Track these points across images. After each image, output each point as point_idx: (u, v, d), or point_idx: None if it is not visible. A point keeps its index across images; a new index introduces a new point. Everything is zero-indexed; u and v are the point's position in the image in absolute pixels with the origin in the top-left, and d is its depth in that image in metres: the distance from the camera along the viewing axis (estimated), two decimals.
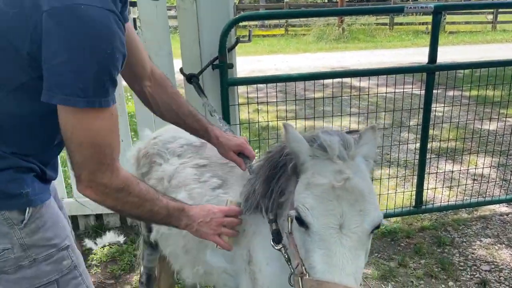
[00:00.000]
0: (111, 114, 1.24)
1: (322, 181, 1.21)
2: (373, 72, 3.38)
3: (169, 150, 2.12)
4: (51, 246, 1.36)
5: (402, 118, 5.93)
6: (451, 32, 18.37)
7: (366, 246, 1.22)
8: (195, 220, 1.53)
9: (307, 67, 11.17)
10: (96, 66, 1.13)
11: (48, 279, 1.37)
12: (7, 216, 1.29)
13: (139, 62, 1.69)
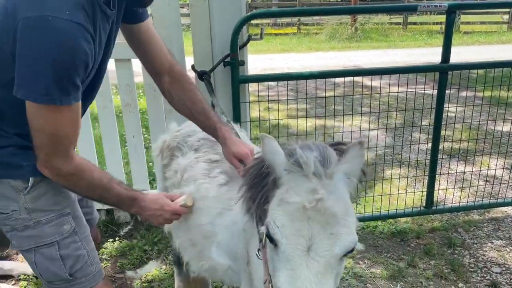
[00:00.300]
0: (71, 110, 1.42)
1: (294, 199, 1.16)
2: (386, 71, 3.36)
3: (188, 144, 2.15)
4: (51, 211, 1.59)
5: (413, 118, 5.90)
6: (466, 32, 18.14)
7: (336, 270, 1.17)
8: (144, 211, 1.75)
9: (319, 66, 11.12)
10: (57, 71, 1.30)
11: (49, 239, 1.59)
12: (13, 184, 1.54)
13: (157, 58, 1.83)
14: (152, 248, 3.40)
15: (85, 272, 1.68)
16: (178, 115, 3.27)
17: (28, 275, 3.03)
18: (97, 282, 1.73)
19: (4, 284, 2.94)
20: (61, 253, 1.62)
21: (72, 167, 1.50)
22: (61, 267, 1.62)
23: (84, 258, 1.68)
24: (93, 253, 1.73)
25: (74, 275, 1.65)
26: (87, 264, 1.69)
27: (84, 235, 1.70)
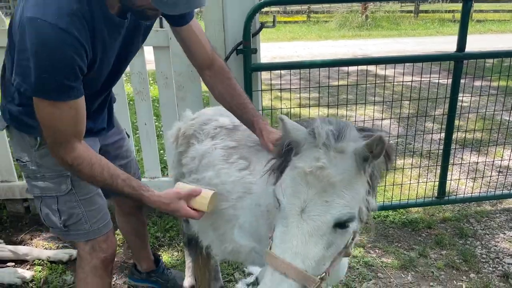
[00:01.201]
0: (69, 107, 1.57)
1: (299, 164, 1.27)
2: (399, 60, 3.32)
3: (204, 132, 2.17)
4: (53, 170, 1.82)
5: (426, 108, 5.84)
6: (479, 21, 17.86)
7: (327, 238, 1.22)
8: (156, 206, 1.79)
9: (329, 55, 11.04)
10: (44, 69, 1.46)
11: (50, 193, 1.86)
12: (27, 139, 1.82)
13: (198, 55, 1.98)
14: (164, 235, 3.43)
15: (79, 228, 1.92)
16: (190, 103, 3.32)
17: (42, 260, 3.07)
18: (90, 238, 1.94)
19: (19, 268, 2.99)
20: (58, 207, 1.87)
21: (70, 159, 1.65)
22: (57, 218, 1.88)
23: (78, 216, 1.90)
24: (91, 214, 1.92)
25: (68, 227, 1.91)
26: (81, 221, 1.91)
27: (84, 197, 1.90)
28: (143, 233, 2.71)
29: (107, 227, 2.00)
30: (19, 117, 1.78)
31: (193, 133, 2.20)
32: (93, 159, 1.71)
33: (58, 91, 1.52)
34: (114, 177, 1.73)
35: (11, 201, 3.64)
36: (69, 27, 1.45)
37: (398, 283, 2.98)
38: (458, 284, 2.96)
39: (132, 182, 1.77)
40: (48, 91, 1.51)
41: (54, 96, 1.53)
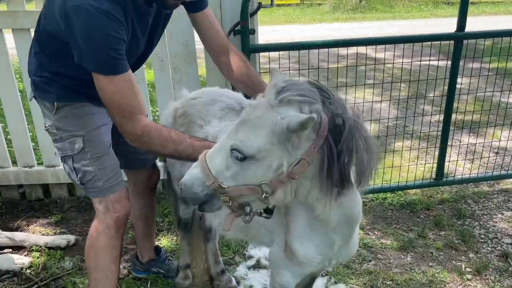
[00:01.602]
0: (123, 80, 1.73)
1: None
2: (400, 40, 3.29)
3: (210, 113, 2.13)
4: (68, 132, 2.01)
5: (422, 90, 5.81)
6: (472, 3, 17.77)
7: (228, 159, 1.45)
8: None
9: (324, 38, 10.93)
10: (97, 47, 1.66)
11: (67, 153, 2.04)
12: (46, 105, 2.02)
13: (214, 41, 2.13)
14: (163, 220, 3.41)
15: (93, 185, 2.07)
16: (187, 86, 3.26)
17: (40, 246, 3.04)
18: (106, 195, 2.08)
19: (17, 255, 2.95)
20: (74, 165, 2.05)
21: (139, 130, 1.76)
22: (75, 175, 2.08)
23: (91, 173, 2.05)
24: (103, 172, 2.06)
25: (85, 184, 2.08)
26: (95, 179, 2.06)
27: (96, 155, 2.04)
28: (151, 219, 2.72)
29: (120, 185, 2.12)
30: (39, 86, 2.01)
31: (197, 114, 2.15)
32: (159, 125, 1.86)
33: (111, 65, 1.69)
34: (180, 136, 1.85)
35: (6, 187, 3.59)
36: (110, 9, 1.66)
37: (398, 263, 2.99)
38: (457, 264, 2.98)
39: (196, 137, 1.92)
40: (103, 65, 1.69)
41: (109, 69, 1.70)
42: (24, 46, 3.23)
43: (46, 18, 1.87)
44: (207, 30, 2.12)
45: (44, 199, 3.64)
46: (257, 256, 3.00)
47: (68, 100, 2.00)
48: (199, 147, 1.80)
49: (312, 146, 1.38)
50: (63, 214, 3.48)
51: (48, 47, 1.93)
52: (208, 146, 1.78)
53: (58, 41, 1.84)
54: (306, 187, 1.49)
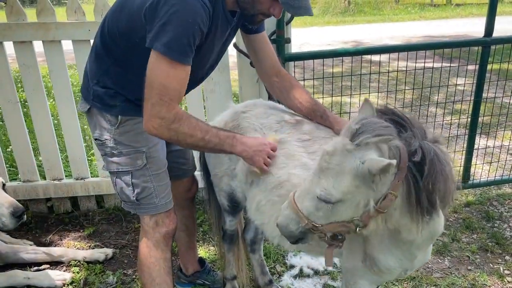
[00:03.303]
0: (183, 70, 1.73)
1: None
2: (428, 46, 3.34)
3: (264, 125, 2.12)
4: (130, 147, 1.99)
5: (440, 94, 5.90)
6: (458, 5, 18.17)
7: (316, 201, 1.49)
8: (251, 147, 1.90)
9: (320, 42, 11.03)
10: (180, 30, 1.64)
11: (126, 168, 2.02)
12: (108, 118, 1.98)
13: (267, 63, 2.17)
14: (197, 230, 3.38)
15: (149, 201, 2.07)
16: (219, 95, 3.25)
17: (78, 261, 2.99)
18: (159, 212, 2.10)
19: (56, 270, 2.89)
20: (133, 181, 2.03)
21: (172, 115, 1.75)
22: (131, 191, 2.04)
23: (150, 190, 2.05)
24: (160, 189, 2.07)
25: (140, 201, 2.06)
26: (152, 195, 2.06)
27: (155, 172, 2.05)
28: (192, 230, 2.69)
29: (171, 203, 2.16)
30: (103, 98, 1.96)
31: (252, 127, 2.13)
32: (189, 114, 1.84)
33: (183, 52, 1.69)
34: (207, 125, 1.88)
35: (34, 201, 3.52)
36: (207, 2, 1.69)
37: (437, 268, 3.03)
38: (495, 267, 3.03)
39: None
40: (175, 50, 1.67)
41: (178, 56, 1.68)
42: (54, 59, 3.19)
43: (115, 18, 1.86)
44: (263, 51, 2.16)
45: (73, 211, 3.57)
46: (300, 265, 3.00)
47: (132, 114, 1.98)
48: (225, 137, 1.88)
49: (396, 179, 1.42)
50: (94, 227, 3.43)
51: (114, 51, 1.90)
52: (233, 137, 1.90)
53: (125, 43, 1.83)
54: (396, 216, 1.52)
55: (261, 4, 1.79)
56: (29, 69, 3.19)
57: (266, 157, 1.92)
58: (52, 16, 3.08)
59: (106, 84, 1.96)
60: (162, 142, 2.10)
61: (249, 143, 1.91)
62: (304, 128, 2.06)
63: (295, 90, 2.15)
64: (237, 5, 1.84)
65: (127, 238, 3.31)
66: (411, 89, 3.95)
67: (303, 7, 1.75)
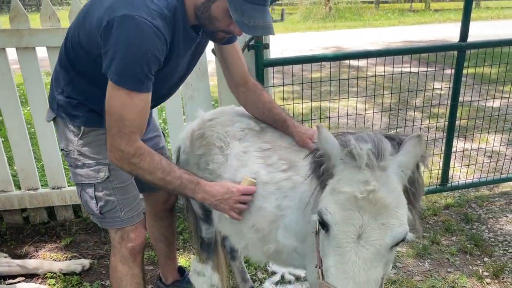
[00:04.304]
0: (140, 99, 1.67)
1: (346, 189, 1.22)
2: (408, 51, 3.38)
3: (229, 134, 2.09)
4: (93, 159, 1.95)
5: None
6: (436, 10, 18.50)
7: (385, 258, 1.22)
8: (213, 196, 1.83)
9: (302, 48, 11.09)
10: (131, 58, 1.58)
11: (89, 180, 1.97)
12: (71, 129, 1.94)
13: (236, 73, 2.13)
14: (177, 238, 3.33)
15: (114, 215, 2.01)
16: (199, 101, 3.23)
17: (54, 273, 2.92)
18: (124, 226, 2.04)
19: (31, 283, 2.82)
20: (96, 194, 1.97)
21: (133, 149, 1.71)
22: (94, 205, 1.99)
23: (114, 203, 1.99)
24: (126, 202, 2.01)
25: (104, 214, 2.01)
26: (116, 209, 2.00)
27: (120, 185, 1.99)
28: (172, 240, 2.64)
29: (139, 217, 2.09)
30: (66, 108, 1.92)
31: (216, 135, 2.10)
32: (152, 151, 1.78)
33: (138, 80, 1.63)
34: (171, 165, 1.81)
35: (9, 212, 3.43)
36: (160, 26, 1.61)
37: (417, 271, 3.04)
38: (474, 269, 3.06)
39: (186, 170, 1.88)
40: (129, 79, 1.62)
41: (132, 85, 1.63)
42: (28, 66, 3.13)
43: (78, 32, 1.80)
44: (234, 62, 2.11)
45: (50, 222, 3.49)
46: (281, 272, 2.98)
47: (95, 125, 1.93)
48: (187, 182, 1.80)
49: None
50: (72, 237, 3.35)
51: (77, 64, 1.85)
52: (197, 183, 1.81)
53: (87, 57, 1.78)
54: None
55: (219, 22, 1.72)
56: (3, 77, 3.12)
57: (234, 204, 1.83)
58: (26, 23, 3.03)
59: (69, 94, 1.91)
60: None
61: (213, 191, 1.82)
62: (267, 137, 2.04)
63: (260, 99, 2.12)
64: (197, 20, 1.78)
65: (106, 248, 3.24)
66: (390, 93, 3.96)
67: (260, 26, 1.65)
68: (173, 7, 1.67)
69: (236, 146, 2.05)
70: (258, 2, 1.64)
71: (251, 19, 1.63)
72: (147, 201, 2.53)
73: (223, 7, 1.65)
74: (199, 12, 1.71)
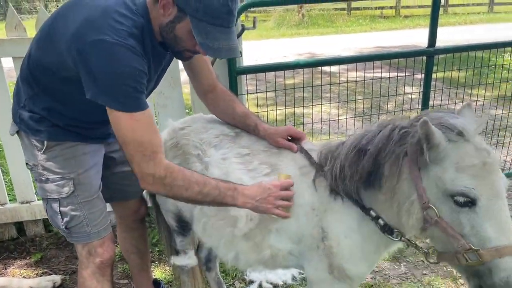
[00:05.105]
0: (145, 116, 1.64)
1: (475, 162, 1.37)
2: (378, 57, 3.43)
3: (204, 141, 2.06)
4: (58, 173, 1.89)
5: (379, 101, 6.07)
6: (406, 16, 18.93)
7: None
8: (253, 197, 1.74)
9: (274, 54, 11.16)
10: (122, 81, 1.56)
11: (54, 195, 1.91)
12: (34, 143, 1.89)
13: (204, 80, 2.11)
14: (153, 250, 3.28)
15: (80, 230, 1.97)
16: (172, 110, 3.19)
17: None
18: (91, 241, 1.99)
19: None
20: (61, 209, 1.93)
21: (162, 169, 1.66)
22: (60, 220, 1.95)
23: (80, 218, 1.95)
24: (92, 216, 1.97)
25: (70, 229, 1.97)
26: (82, 224, 1.96)
27: (86, 199, 1.94)
28: (145, 252, 2.59)
29: (106, 231, 2.05)
30: (28, 122, 1.86)
31: (191, 144, 2.08)
32: (179, 166, 1.75)
33: (135, 100, 1.61)
34: (203, 176, 1.77)
35: None
36: (135, 45, 1.61)
37: (394, 274, 3.07)
38: (449, 270, 3.10)
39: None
40: (128, 103, 1.59)
41: (133, 107, 1.60)
42: None
43: (42, 48, 1.76)
44: (200, 70, 2.10)
45: (19, 237, 3.38)
46: (259, 280, 2.96)
47: (59, 140, 1.89)
48: (225, 189, 1.73)
49: None
50: (42, 253, 3.25)
51: (42, 80, 1.80)
52: (234, 189, 1.74)
53: (52, 76, 1.74)
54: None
55: (184, 42, 1.70)
56: None
57: (275, 201, 1.74)
58: None
59: (31, 108, 1.86)
60: (97, 165, 2.01)
61: (251, 193, 1.74)
62: (243, 142, 2.04)
63: (229, 104, 2.12)
64: (162, 39, 1.77)
65: (77, 263, 3.15)
66: (363, 99, 4.01)
67: (224, 49, 1.63)
68: (140, 25, 1.65)
69: (214, 154, 2.03)
70: (222, 24, 1.61)
71: (215, 41, 1.60)
72: (116, 213, 2.47)
73: (187, 28, 1.63)
74: (164, 32, 1.70)
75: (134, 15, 1.65)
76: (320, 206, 1.78)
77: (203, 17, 1.57)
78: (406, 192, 1.51)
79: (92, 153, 1.98)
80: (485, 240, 1.35)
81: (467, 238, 1.38)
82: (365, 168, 1.58)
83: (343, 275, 1.78)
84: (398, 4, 19.60)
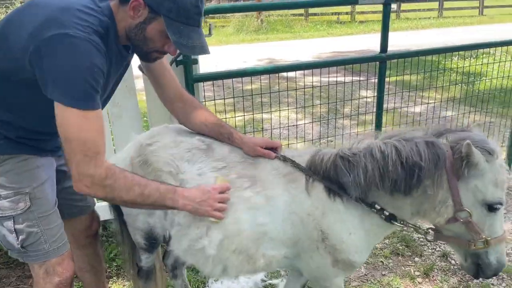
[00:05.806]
0: (96, 116, 1.61)
1: (504, 178, 1.78)
2: (334, 63, 3.49)
3: (176, 156, 2.00)
4: (11, 189, 1.78)
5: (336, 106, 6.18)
6: (361, 22, 19.46)
7: None
8: (193, 200, 1.79)
9: (233, 59, 11.17)
10: (79, 76, 1.54)
11: (7, 213, 1.79)
12: None
13: (169, 89, 2.10)
14: (110, 265, 3.17)
15: (37, 248, 1.86)
16: (128, 120, 3.12)
17: None
18: (50, 259, 1.89)
19: None
20: (15, 226, 1.81)
21: (103, 171, 1.63)
22: (14, 239, 1.82)
23: (37, 235, 1.85)
24: (50, 232, 1.87)
25: (26, 248, 1.85)
26: (40, 241, 1.86)
27: (43, 215, 1.85)
28: (99, 269, 2.49)
29: (65, 247, 1.96)
30: None
31: (162, 160, 1.99)
32: (121, 168, 1.73)
33: (89, 97, 1.57)
34: (144, 179, 1.76)
35: None
36: (98, 42, 1.59)
37: (354, 277, 3.12)
38: (407, 269, 3.19)
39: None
40: (80, 98, 1.55)
41: (85, 103, 1.56)
42: None
43: None
44: (164, 78, 2.09)
45: None
46: None
47: (13, 152, 1.79)
48: (166, 191, 1.76)
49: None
50: None
51: None
52: (174, 191, 1.78)
53: (7, 82, 1.66)
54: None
55: (153, 42, 1.73)
56: None
57: (214, 203, 1.81)
58: None
59: None
60: (51, 179, 1.92)
61: (191, 195, 1.80)
62: (216, 154, 2.01)
63: (199, 112, 2.10)
64: (129, 41, 1.77)
65: (30, 282, 3.01)
66: (320, 103, 4.07)
67: (197, 46, 1.71)
68: (105, 25, 1.66)
69: (189, 169, 1.97)
70: (194, 24, 1.69)
71: (189, 40, 1.68)
72: (67, 230, 2.30)
73: (159, 29, 1.68)
74: (132, 34, 1.72)
75: (99, 14, 1.65)
76: (316, 211, 1.86)
77: (176, 17, 1.64)
78: (440, 197, 1.79)
79: (46, 166, 1.90)
80: (494, 233, 1.80)
81: (485, 231, 1.80)
82: (408, 180, 1.76)
83: (348, 266, 1.93)
84: (353, 10, 20.12)
